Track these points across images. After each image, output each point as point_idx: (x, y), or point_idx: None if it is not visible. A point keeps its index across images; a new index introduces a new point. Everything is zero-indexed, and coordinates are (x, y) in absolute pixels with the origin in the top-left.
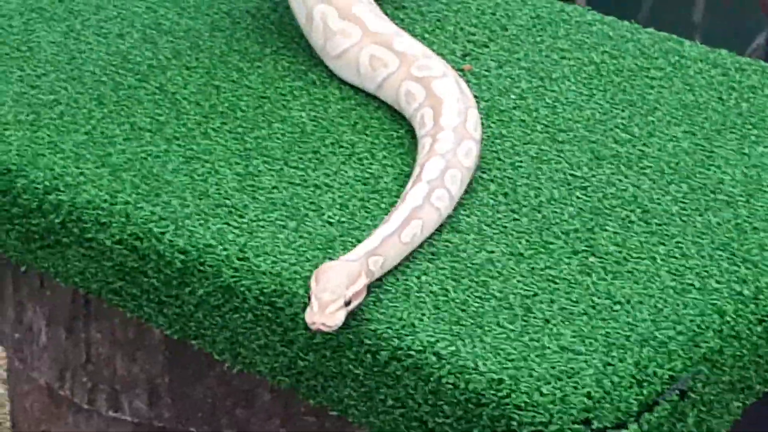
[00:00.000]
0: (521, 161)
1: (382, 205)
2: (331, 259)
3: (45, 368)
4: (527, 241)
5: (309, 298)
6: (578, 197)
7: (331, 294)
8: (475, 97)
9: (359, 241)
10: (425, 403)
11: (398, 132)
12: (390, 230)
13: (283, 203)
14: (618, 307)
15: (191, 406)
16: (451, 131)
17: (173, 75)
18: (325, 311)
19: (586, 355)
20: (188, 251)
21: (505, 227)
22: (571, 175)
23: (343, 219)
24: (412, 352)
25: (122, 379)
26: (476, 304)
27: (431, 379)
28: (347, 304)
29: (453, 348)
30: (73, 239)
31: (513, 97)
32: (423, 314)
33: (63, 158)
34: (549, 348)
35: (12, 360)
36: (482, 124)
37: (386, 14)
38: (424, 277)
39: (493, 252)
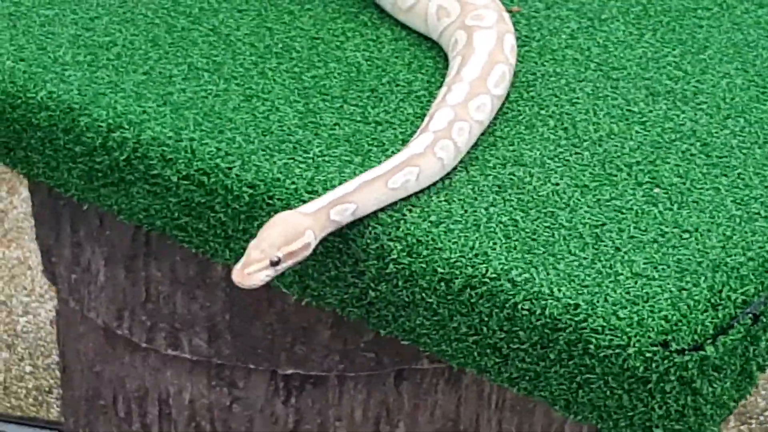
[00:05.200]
0: (578, 98)
1: None
2: (295, 206)
3: (102, 308)
4: (591, 173)
5: None
6: (637, 131)
7: (261, 253)
8: (526, 37)
9: None
10: (500, 329)
11: None
12: (373, 175)
13: (346, 139)
14: (687, 235)
15: (250, 343)
16: (467, 83)
17: (225, 18)
18: (245, 270)
19: (659, 280)
20: (256, 185)
21: (568, 160)
22: (629, 110)
23: None
24: (487, 280)
25: (182, 317)
26: (546, 234)
27: (506, 305)
28: (275, 263)
29: (527, 275)
30: (138, 176)
31: (564, 36)
32: (495, 243)
33: (124, 97)
34: (622, 274)
35: (66, 302)
36: (535, 62)
37: None
38: (492, 209)
39: (558, 184)
